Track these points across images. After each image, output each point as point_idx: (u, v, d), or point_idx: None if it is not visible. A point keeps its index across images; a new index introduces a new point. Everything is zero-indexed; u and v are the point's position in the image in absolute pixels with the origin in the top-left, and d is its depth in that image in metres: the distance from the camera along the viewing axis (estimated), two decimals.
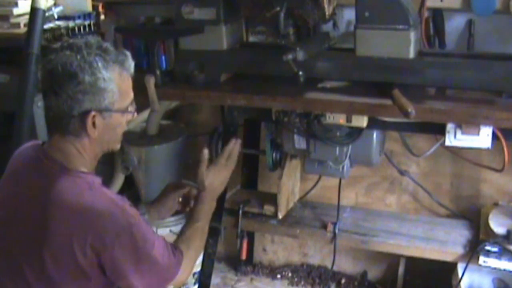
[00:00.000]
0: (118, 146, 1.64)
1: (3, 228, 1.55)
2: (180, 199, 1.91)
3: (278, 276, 2.95)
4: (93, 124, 1.48)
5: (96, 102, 1.46)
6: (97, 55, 1.45)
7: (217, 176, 1.78)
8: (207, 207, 1.76)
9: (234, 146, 1.84)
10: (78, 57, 1.44)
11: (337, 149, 2.24)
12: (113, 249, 1.43)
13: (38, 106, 2.42)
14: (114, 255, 1.44)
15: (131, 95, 1.56)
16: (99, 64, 1.45)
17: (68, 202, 1.46)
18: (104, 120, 1.49)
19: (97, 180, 1.56)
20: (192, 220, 1.74)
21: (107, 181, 2.62)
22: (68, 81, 1.43)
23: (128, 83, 1.54)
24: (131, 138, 2.53)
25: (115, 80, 1.47)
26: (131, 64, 1.55)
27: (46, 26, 2.47)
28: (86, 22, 2.66)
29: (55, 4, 2.69)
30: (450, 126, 2.00)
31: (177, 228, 2.09)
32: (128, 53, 1.56)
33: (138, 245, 1.47)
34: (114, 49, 1.52)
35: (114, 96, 1.48)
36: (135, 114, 1.61)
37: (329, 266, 2.78)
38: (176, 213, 2.63)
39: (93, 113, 1.46)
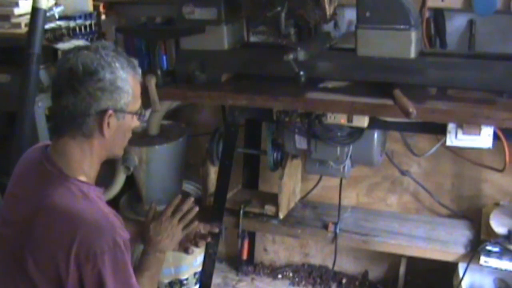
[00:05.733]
0: (122, 153, 1.65)
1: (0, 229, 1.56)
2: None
3: (279, 276, 2.95)
4: (108, 124, 1.49)
5: (114, 101, 1.48)
6: (114, 56, 1.49)
7: (160, 230, 1.85)
8: (152, 258, 1.81)
9: (187, 204, 1.91)
10: (98, 56, 1.47)
11: (338, 149, 2.24)
12: (96, 263, 1.41)
13: (39, 106, 2.42)
14: (96, 269, 1.42)
15: (140, 100, 1.58)
16: (117, 64, 1.48)
17: (58, 208, 1.46)
18: (117, 121, 1.52)
19: (95, 191, 1.55)
20: (141, 270, 1.77)
21: (108, 181, 2.62)
22: (89, 78, 1.45)
23: (139, 88, 1.57)
24: (132, 138, 2.52)
25: (129, 81, 1.50)
26: (139, 70, 1.58)
27: (47, 26, 2.47)
28: (87, 22, 2.66)
29: (56, 4, 2.68)
30: (451, 126, 2.00)
31: None
32: (136, 61, 1.60)
33: (119, 267, 1.46)
34: (128, 56, 1.56)
35: (128, 97, 1.51)
36: (144, 119, 1.65)
37: (330, 266, 2.77)
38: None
39: (110, 111, 1.48)
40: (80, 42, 2.50)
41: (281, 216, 2.47)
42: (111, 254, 1.43)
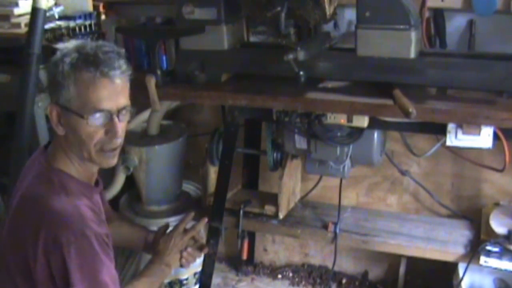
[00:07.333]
0: (97, 159, 1.55)
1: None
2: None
3: (279, 276, 2.95)
4: (59, 119, 1.51)
5: (55, 95, 1.50)
6: (74, 51, 1.48)
7: (170, 245, 1.87)
8: (156, 268, 1.82)
9: (201, 224, 1.98)
10: (59, 53, 1.51)
11: (338, 149, 2.24)
12: (62, 253, 1.42)
13: (39, 106, 2.42)
14: (62, 259, 1.42)
15: (99, 105, 1.48)
16: (67, 59, 1.47)
17: (32, 197, 1.50)
18: (67, 119, 1.51)
19: (79, 185, 1.55)
20: (141, 275, 1.80)
21: (108, 181, 2.62)
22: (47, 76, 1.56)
23: (95, 89, 1.47)
24: (131, 138, 2.53)
25: (73, 78, 1.46)
26: (110, 72, 1.48)
27: (47, 26, 2.47)
28: (87, 22, 2.66)
29: (56, 4, 2.69)
30: (451, 126, 1.99)
31: None
32: (117, 61, 1.50)
33: (86, 259, 1.45)
34: (105, 55, 1.48)
35: (68, 93, 1.47)
36: (114, 129, 1.51)
37: (330, 266, 2.77)
38: (177, 213, 2.65)
39: (52, 105, 1.51)
40: None
41: (281, 216, 2.47)
42: (77, 246, 1.43)
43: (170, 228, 1.97)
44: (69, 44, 1.52)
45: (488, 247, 2.15)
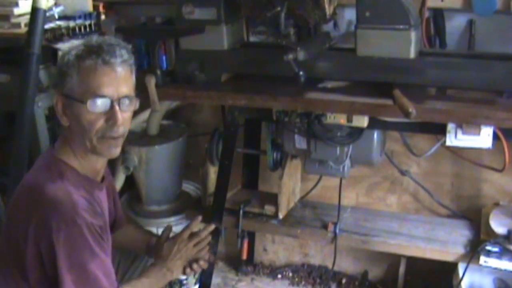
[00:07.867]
0: (101, 149, 1.55)
1: None
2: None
3: (279, 276, 2.95)
4: (64, 110, 1.53)
5: (61, 85, 1.52)
6: (82, 44, 1.52)
7: (173, 250, 1.85)
8: (158, 271, 1.82)
9: (206, 230, 1.95)
10: (68, 49, 1.55)
11: (338, 149, 2.24)
12: (51, 239, 1.42)
13: (39, 106, 2.42)
14: (51, 245, 1.42)
15: (99, 91, 1.49)
16: (74, 51, 1.50)
17: (28, 184, 1.52)
18: (70, 108, 1.52)
19: (78, 176, 1.54)
20: (141, 276, 1.80)
21: None
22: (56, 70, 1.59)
23: (97, 76, 1.49)
24: (131, 138, 2.53)
25: (77, 66, 1.49)
26: (113, 59, 1.50)
27: (46, 26, 2.47)
28: (87, 22, 2.66)
29: (56, 4, 2.69)
30: (450, 126, 2.00)
31: (177, 228, 2.10)
32: (118, 50, 1.52)
33: (75, 247, 1.44)
34: (109, 46, 1.51)
35: (73, 82, 1.49)
36: (115, 116, 1.51)
37: (330, 266, 2.77)
38: (177, 213, 2.65)
39: (58, 95, 1.53)
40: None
41: (280, 216, 2.47)
42: (67, 233, 1.42)
43: (174, 232, 1.96)
44: (78, 41, 1.57)
45: (488, 247, 2.15)
